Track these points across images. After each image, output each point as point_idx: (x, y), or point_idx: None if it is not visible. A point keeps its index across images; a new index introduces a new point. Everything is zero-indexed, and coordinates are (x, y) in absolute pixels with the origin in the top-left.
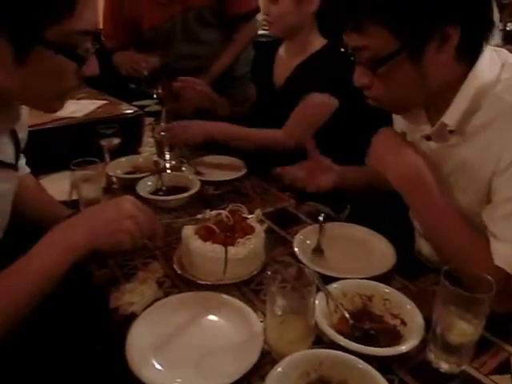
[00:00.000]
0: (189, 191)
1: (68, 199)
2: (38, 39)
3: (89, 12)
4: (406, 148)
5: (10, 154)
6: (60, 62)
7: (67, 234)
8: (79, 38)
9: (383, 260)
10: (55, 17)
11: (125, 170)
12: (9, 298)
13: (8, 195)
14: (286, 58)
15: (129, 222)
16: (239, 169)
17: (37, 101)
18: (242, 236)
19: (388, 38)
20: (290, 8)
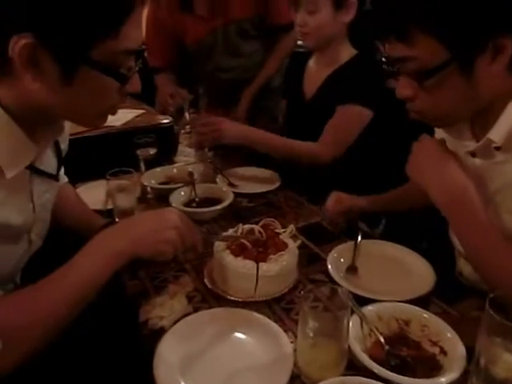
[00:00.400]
0: (222, 203)
1: (103, 208)
2: (84, 59)
3: (134, 31)
4: (451, 162)
5: (53, 165)
6: (104, 80)
7: (111, 242)
8: (123, 56)
9: (421, 281)
10: (101, 37)
11: (159, 180)
12: (50, 308)
13: (48, 205)
14: (316, 69)
15: (172, 232)
16: (273, 181)
17: (80, 117)
18: (274, 252)
19: (437, 49)
20: (328, 18)
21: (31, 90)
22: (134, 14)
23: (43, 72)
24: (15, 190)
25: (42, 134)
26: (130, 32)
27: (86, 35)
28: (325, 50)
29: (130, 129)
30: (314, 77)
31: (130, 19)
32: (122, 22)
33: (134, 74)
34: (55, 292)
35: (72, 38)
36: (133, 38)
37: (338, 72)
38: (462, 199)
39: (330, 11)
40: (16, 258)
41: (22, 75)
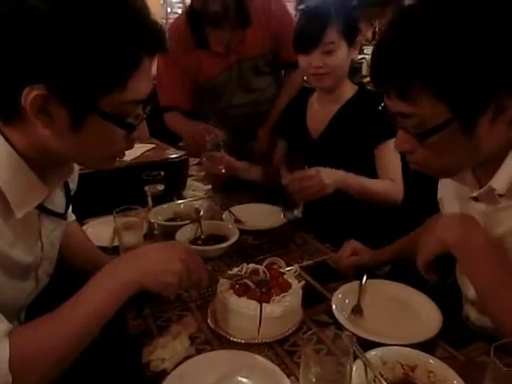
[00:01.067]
0: (227, 241)
1: (109, 245)
2: (93, 109)
3: (141, 84)
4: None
5: (61, 204)
6: (112, 128)
7: (118, 273)
8: (131, 106)
9: (428, 324)
10: (109, 89)
11: (166, 216)
12: (58, 341)
13: (56, 243)
14: (320, 107)
15: (179, 264)
16: (279, 217)
17: (88, 161)
18: (278, 293)
19: (438, 108)
20: (344, 57)
21: (42, 135)
22: (142, 66)
23: (53, 120)
24: (25, 229)
25: (52, 175)
26: (138, 84)
27: (95, 87)
28: (330, 89)
29: (139, 164)
30: (319, 115)
31: (137, 72)
32: (130, 76)
33: (142, 122)
34: (64, 325)
35: (81, 90)
36: (140, 89)
37: (346, 109)
38: (474, 236)
39: (345, 49)
40: (23, 295)
41: (34, 122)
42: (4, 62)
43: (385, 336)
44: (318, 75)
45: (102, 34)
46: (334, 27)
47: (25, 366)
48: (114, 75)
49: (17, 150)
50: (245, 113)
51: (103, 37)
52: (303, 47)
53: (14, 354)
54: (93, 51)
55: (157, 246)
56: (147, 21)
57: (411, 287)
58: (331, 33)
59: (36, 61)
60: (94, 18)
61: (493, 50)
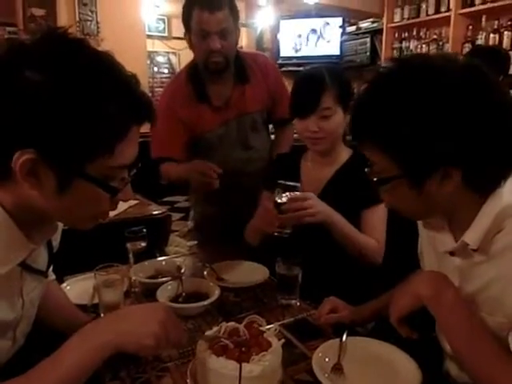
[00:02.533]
0: (208, 299)
1: (89, 303)
2: (79, 173)
3: (127, 150)
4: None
5: (43, 262)
6: (96, 191)
7: (95, 335)
8: (117, 171)
9: (408, 382)
10: (96, 156)
11: (148, 273)
12: None
13: (36, 301)
14: (314, 169)
15: (157, 327)
16: (261, 274)
17: (72, 221)
18: (257, 352)
19: (389, 163)
20: (340, 121)
21: (29, 195)
22: (129, 134)
23: (41, 182)
24: (8, 286)
25: (37, 233)
26: (124, 151)
27: (82, 154)
28: (325, 152)
29: (121, 220)
30: (314, 177)
31: (124, 140)
32: (117, 144)
33: (127, 185)
34: (44, 380)
35: (69, 156)
36: (126, 155)
37: (343, 172)
38: (445, 292)
39: (341, 114)
40: None
41: (22, 183)
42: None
43: None
44: (313, 139)
45: (92, 105)
46: (330, 93)
47: None
48: (102, 143)
49: (4, 207)
50: (239, 169)
51: (93, 107)
52: (300, 112)
53: None
54: (82, 120)
55: (135, 307)
56: (136, 92)
57: (391, 345)
58: (327, 99)
59: (28, 127)
60: (85, 90)
61: (444, 128)
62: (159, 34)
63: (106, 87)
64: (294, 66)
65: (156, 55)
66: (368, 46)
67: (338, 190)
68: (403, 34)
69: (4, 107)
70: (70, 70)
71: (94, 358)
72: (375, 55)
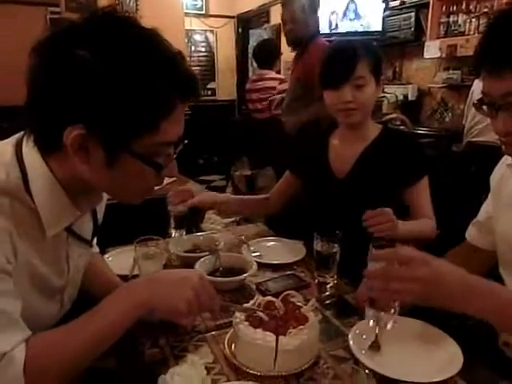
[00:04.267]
0: (245, 273)
1: (130, 274)
2: (126, 149)
3: (173, 127)
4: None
5: (88, 232)
6: (142, 167)
7: (132, 294)
8: (162, 147)
9: (448, 363)
10: (142, 132)
11: (186, 247)
12: (73, 351)
13: (81, 269)
14: (343, 145)
15: (190, 293)
16: (298, 252)
17: (118, 195)
18: (294, 326)
19: None
20: (373, 92)
21: (79, 168)
22: (175, 111)
23: (90, 157)
24: (55, 249)
25: (83, 201)
26: (170, 128)
27: (129, 130)
28: (355, 126)
29: (159, 196)
30: (343, 154)
31: (170, 117)
32: (163, 120)
33: (172, 161)
34: (78, 336)
35: (116, 132)
36: (171, 132)
37: (373, 149)
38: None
39: (374, 85)
40: (48, 316)
41: (73, 157)
42: (52, 103)
43: (403, 373)
44: (346, 110)
45: (139, 82)
46: (364, 62)
47: (38, 371)
48: (148, 119)
49: (54, 175)
50: None
51: (140, 84)
52: (333, 81)
53: (29, 359)
54: (129, 97)
55: (172, 272)
56: (181, 69)
57: (432, 326)
58: (362, 67)
59: (78, 103)
60: (133, 67)
61: None
62: (196, 11)
63: (153, 64)
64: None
65: (193, 33)
66: (412, 21)
67: (369, 167)
68: (451, 7)
69: (56, 85)
70: (118, 48)
71: (129, 315)
72: (420, 31)
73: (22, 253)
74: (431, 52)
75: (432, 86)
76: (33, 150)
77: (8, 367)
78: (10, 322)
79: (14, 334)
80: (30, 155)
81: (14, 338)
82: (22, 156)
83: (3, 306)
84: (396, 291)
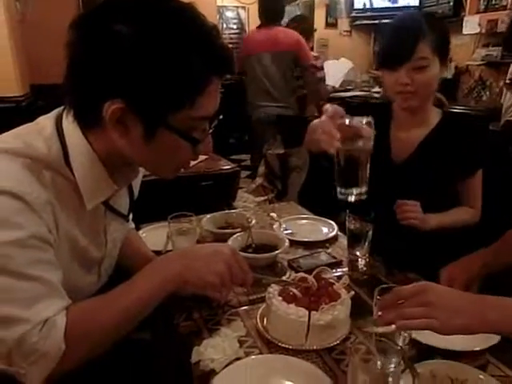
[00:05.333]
0: (277, 250)
1: (163, 250)
2: (163, 123)
3: (208, 102)
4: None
5: (125, 207)
6: (179, 142)
7: (165, 267)
8: (198, 122)
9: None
10: (178, 107)
11: (218, 224)
12: (110, 319)
13: (118, 243)
14: (403, 130)
15: (223, 266)
16: (331, 230)
17: (155, 169)
18: (326, 302)
19: None
20: (436, 74)
21: (118, 142)
22: (210, 86)
23: (128, 131)
24: (94, 222)
25: (120, 175)
26: (205, 103)
27: (166, 104)
28: (414, 111)
29: (192, 174)
30: (402, 139)
31: (205, 92)
32: (198, 95)
33: (208, 136)
34: (117, 305)
35: (154, 106)
36: (207, 107)
37: (435, 135)
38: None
39: (437, 66)
40: (86, 287)
41: (112, 132)
42: (89, 78)
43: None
44: (404, 93)
45: (175, 56)
46: (427, 41)
47: (78, 337)
48: (184, 94)
49: (94, 150)
50: None
51: (177, 58)
52: (391, 62)
53: (70, 324)
54: (167, 71)
55: (204, 246)
56: (217, 44)
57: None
58: (424, 47)
59: (117, 78)
60: (170, 41)
61: None
62: None
63: (190, 38)
64: (368, 19)
65: (225, 10)
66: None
67: (429, 155)
68: None
69: (94, 59)
70: (155, 22)
71: (162, 288)
72: (459, 5)
73: (63, 224)
74: (470, 28)
75: (470, 64)
76: (73, 124)
77: (50, 332)
78: (52, 289)
79: (56, 301)
80: (69, 130)
81: (55, 305)
82: (63, 130)
83: (45, 274)
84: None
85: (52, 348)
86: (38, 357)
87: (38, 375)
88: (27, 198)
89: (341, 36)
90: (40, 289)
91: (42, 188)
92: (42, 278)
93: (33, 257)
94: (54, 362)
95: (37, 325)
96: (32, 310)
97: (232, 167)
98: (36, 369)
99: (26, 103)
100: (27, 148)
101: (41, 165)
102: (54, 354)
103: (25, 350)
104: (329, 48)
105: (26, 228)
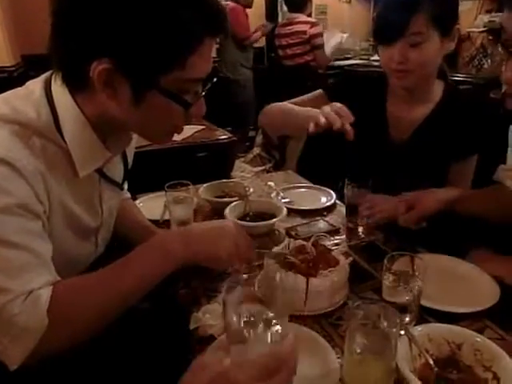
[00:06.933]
0: (275, 218)
1: (160, 219)
2: (153, 85)
3: (201, 63)
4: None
5: (119, 175)
6: (170, 105)
7: (165, 247)
8: (190, 84)
9: (486, 295)
10: (169, 68)
11: (216, 193)
12: (107, 293)
13: (113, 211)
14: (402, 109)
15: (230, 242)
16: (328, 198)
17: (148, 133)
18: (325, 268)
19: None
20: (434, 50)
21: (107, 105)
22: (202, 46)
23: (117, 93)
24: (88, 191)
25: (113, 142)
26: (198, 63)
27: (156, 64)
28: (412, 90)
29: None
30: (402, 118)
31: (198, 52)
32: (190, 55)
33: (200, 99)
34: (110, 287)
35: (143, 66)
36: (200, 68)
37: (437, 114)
38: None
39: (437, 41)
40: (83, 257)
41: (99, 93)
42: (75, 37)
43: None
44: (398, 71)
45: (165, 12)
46: (423, 13)
47: (64, 314)
48: (175, 53)
49: (84, 114)
50: None
51: (166, 14)
52: (384, 37)
53: (55, 299)
54: (155, 28)
55: (206, 223)
56: (210, 2)
57: (467, 262)
58: (419, 21)
59: (104, 35)
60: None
61: None
62: None
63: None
64: None
65: None
66: None
67: (431, 136)
68: None
69: (80, 15)
70: None
71: (162, 271)
72: None
73: (55, 193)
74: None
75: (472, 31)
76: (61, 87)
77: (33, 305)
78: (39, 261)
79: (42, 273)
80: (59, 93)
81: (42, 277)
82: (52, 94)
83: (33, 244)
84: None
85: (34, 323)
86: (19, 331)
87: (19, 353)
88: (17, 165)
89: (340, 3)
90: (26, 258)
91: (31, 156)
92: (29, 247)
93: (20, 225)
94: (36, 339)
95: (19, 296)
96: (16, 280)
97: (228, 137)
98: (16, 345)
99: (18, 74)
100: (15, 114)
101: (30, 131)
102: (36, 330)
103: (4, 323)
104: (327, 15)
105: (15, 196)
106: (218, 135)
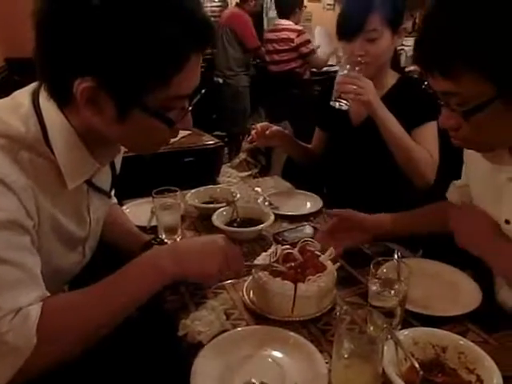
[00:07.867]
0: (262, 224)
1: (147, 225)
2: (137, 103)
3: (186, 80)
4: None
5: (107, 183)
6: (153, 123)
7: (160, 261)
8: (176, 101)
9: (469, 298)
10: (152, 86)
11: (203, 199)
12: (93, 313)
13: (101, 220)
14: None
15: (221, 258)
16: (315, 204)
17: (133, 147)
18: (312, 273)
19: (482, 85)
20: (388, 45)
21: (92, 120)
22: (189, 63)
23: (101, 110)
24: (76, 202)
25: (102, 153)
26: (183, 80)
27: (139, 83)
28: (371, 77)
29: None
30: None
31: (183, 69)
32: (175, 73)
33: (187, 114)
34: (100, 306)
35: (126, 84)
36: (185, 85)
37: (389, 96)
38: None
39: (389, 37)
40: (71, 267)
41: (83, 110)
42: (58, 54)
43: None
44: (359, 64)
45: (151, 34)
46: (377, 14)
47: (53, 333)
48: (160, 73)
49: (72, 126)
50: None
51: (152, 36)
52: (345, 34)
53: (45, 317)
54: (140, 50)
55: (194, 239)
56: (198, 16)
57: (450, 265)
58: (374, 20)
59: (87, 54)
60: (143, 16)
61: None
62: None
63: (165, 13)
64: None
65: None
66: None
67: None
68: None
69: (63, 32)
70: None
71: (157, 282)
72: None
73: (45, 207)
74: None
75: None
76: (49, 101)
77: (21, 323)
78: (28, 277)
79: (32, 289)
80: (47, 106)
81: (31, 294)
82: (40, 106)
83: (22, 260)
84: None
85: (22, 342)
86: (7, 350)
87: (6, 371)
88: (6, 180)
89: (324, 10)
90: (15, 275)
91: (20, 170)
92: (18, 262)
93: (10, 241)
94: (24, 358)
95: (8, 313)
96: (4, 296)
97: (215, 142)
98: (3, 363)
99: (1, 77)
100: (4, 127)
101: (18, 145)
102: (24, 349)
103: None
104: (312, 22)
105: (5, 211)
106: (204, 140)
